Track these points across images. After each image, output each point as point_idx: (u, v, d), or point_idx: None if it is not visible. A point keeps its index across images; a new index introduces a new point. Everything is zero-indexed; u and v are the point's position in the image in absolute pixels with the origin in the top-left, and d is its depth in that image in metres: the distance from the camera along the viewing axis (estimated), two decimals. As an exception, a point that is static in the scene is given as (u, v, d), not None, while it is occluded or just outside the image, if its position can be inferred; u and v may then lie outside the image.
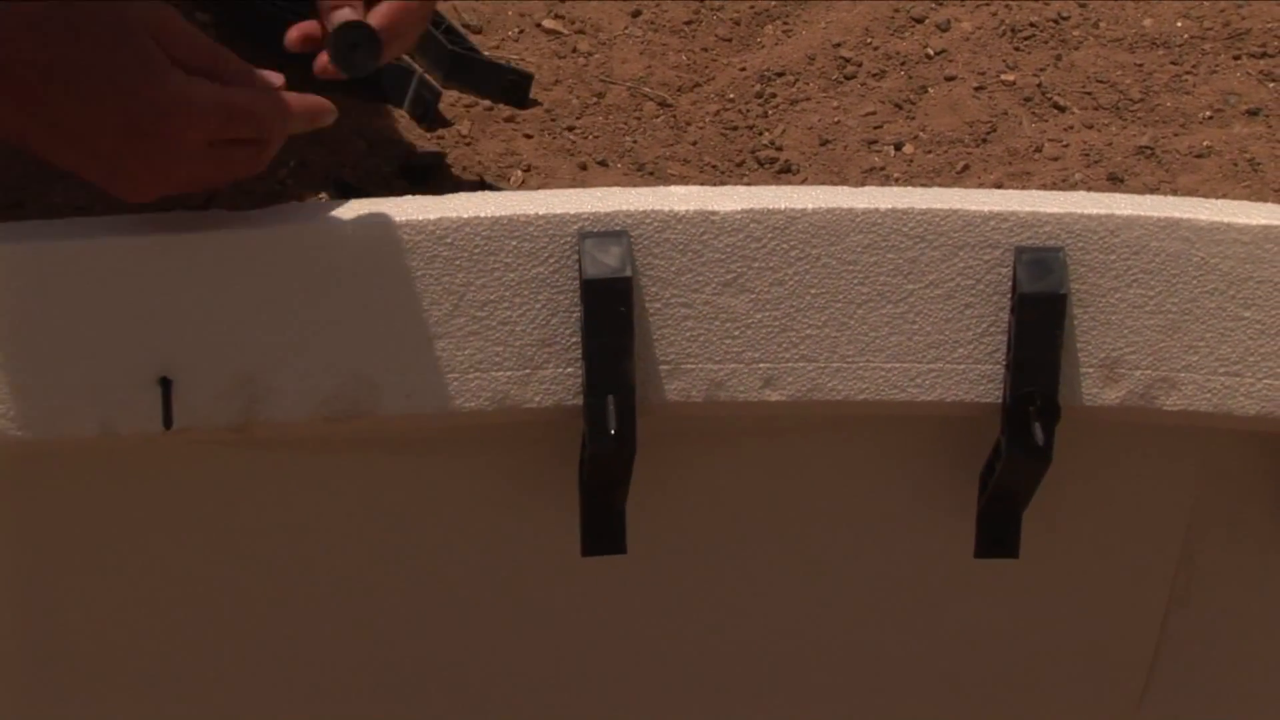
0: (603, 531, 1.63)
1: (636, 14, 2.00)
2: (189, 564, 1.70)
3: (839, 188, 1.59)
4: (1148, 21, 1.99)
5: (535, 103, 1.88)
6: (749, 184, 1.81)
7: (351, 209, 1.55)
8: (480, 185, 1.78)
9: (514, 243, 1.52)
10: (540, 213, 1.52)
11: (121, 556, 1.69)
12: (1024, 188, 1.82)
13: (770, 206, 1.54)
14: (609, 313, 1.52)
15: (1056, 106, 1.91)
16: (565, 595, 1.75)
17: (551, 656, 1.79)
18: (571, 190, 1.56)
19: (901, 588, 1.77)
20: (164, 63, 1.42)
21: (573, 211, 1.52)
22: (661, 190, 1.56)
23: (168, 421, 1.55)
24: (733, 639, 1.79)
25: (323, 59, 1.52)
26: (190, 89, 1.42)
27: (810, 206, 1.54)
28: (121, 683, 1.75)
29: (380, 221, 1.53)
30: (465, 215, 1.52)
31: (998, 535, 1.67)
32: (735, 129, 1.88)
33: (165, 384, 1.54)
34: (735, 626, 1.78)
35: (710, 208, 1.54)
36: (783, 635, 1.79)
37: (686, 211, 1.53)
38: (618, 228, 1.53)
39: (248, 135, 1.45)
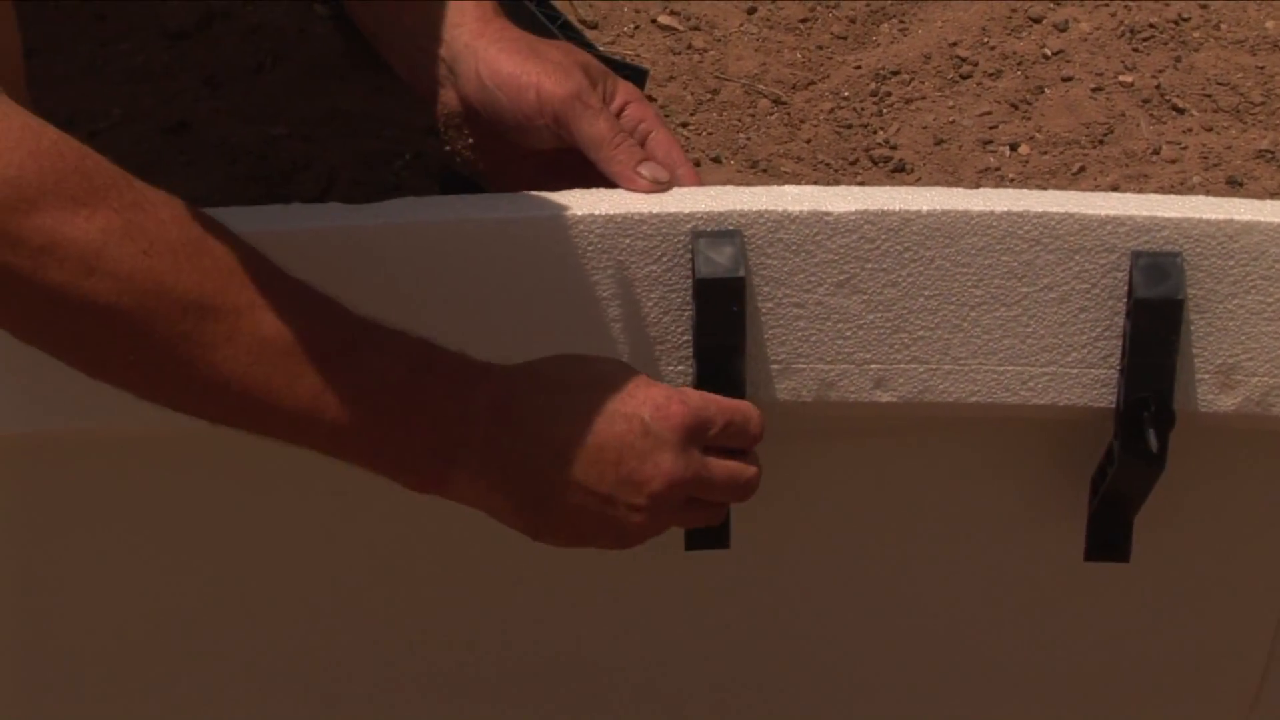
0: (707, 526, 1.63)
1: (752, 11, 2.00)
2: (293, 555, 1.71)
3: (954, 189, 1.58)
4: (1270, 24, 1.97)
5: (650, 99, 1.88)
6: (862, 183, 1.81)
7: (466, 204, 1.55)
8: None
9: (627, 240, 1.53)
10: (654, 211, 1.52)
11: (227, 545, 1.71)
12: (1141, 190, 1.80)
13: (884, 208, 1.53)
14: (721, 312, 1.52)
15: (1175, 109, 1.89)
16: (667, 591, 1.75)
17: (653, 651, 1.79)
18: (685, 189, 1.56)
19: (1009, 589, 1.76)
20: (647, 377, 1.45)
21: (686, 210, 1.53)
22: (775, 190, 1.56)
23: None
24: (835, 638, 1.79)
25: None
26: (682, 389, 1.45)
27: (925, 208, 1.54)
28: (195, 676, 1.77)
29: (494, 216, 1.53)
30: (579, 212, 1.52)
31: (1108, 539, 1.66)
32: (849, 127, 1.87)
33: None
34: (837, 625, 1.78)
35: (824, 208, 1.53)
36: (886, 635, 1.79)
37: (800, 212, 1.53)
38: (731, 227, 1.53)
39: (739, 443, 1.48)
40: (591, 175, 1.59)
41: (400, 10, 1.64)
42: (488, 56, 1.60)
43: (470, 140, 1.66)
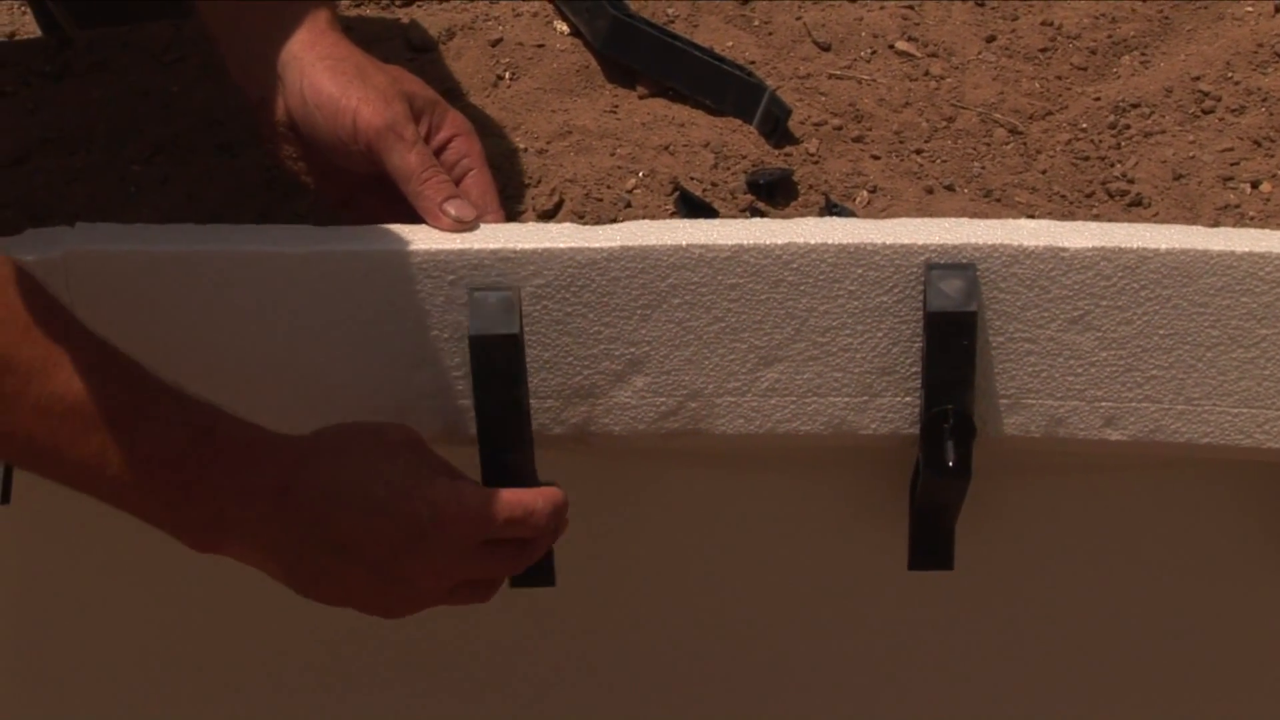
0: (931, 548, 1.62)
1: (991, 39, 1.98)
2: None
3: (1193, 227, 1.56)
4: None
5: (794, 139, 1.87)
6: (1098, 216, 1.79)
7: (697, 228, 1.56)
8: (826, 204, 1.78)
9: (860, 270, 1.53)
10: (888, 242, 1.52)
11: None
12: (1385, 234, 1.76)
13: (1122, 245, 1.52)
14: (951, 345, 1.52)
15: None
16: (885, 613, 1.76)
17: (864, 670, 1.80)
18: (919, 220, 1.55)
19: (1233, 634, 1.75)
20: (431, 469, 1.48)
21: (920, 242, 1.52)
22: (1011, 224, 1.55)
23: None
24: (1051, 667, 1.78)
25: None
26: (462, 488, 1.47)
27: (1164, 246, 1.52)
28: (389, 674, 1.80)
29: (726, 243, 1.54)
30: (813, 241, 1.53)
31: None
32: (1086, 159, 1.85)
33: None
34: (1056, 656, 1.77)
35: (1060, 244, 1.52)
36: (1102, 667, 1.78)
37: (1036, 247, 1.52)
38: (965, 260, 1.52)
39: (523, 534, 1.50)
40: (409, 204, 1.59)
41: (239, 11, 1.62)
42: (313, 73, 1.58)
43: (295, 153, 1.64)
